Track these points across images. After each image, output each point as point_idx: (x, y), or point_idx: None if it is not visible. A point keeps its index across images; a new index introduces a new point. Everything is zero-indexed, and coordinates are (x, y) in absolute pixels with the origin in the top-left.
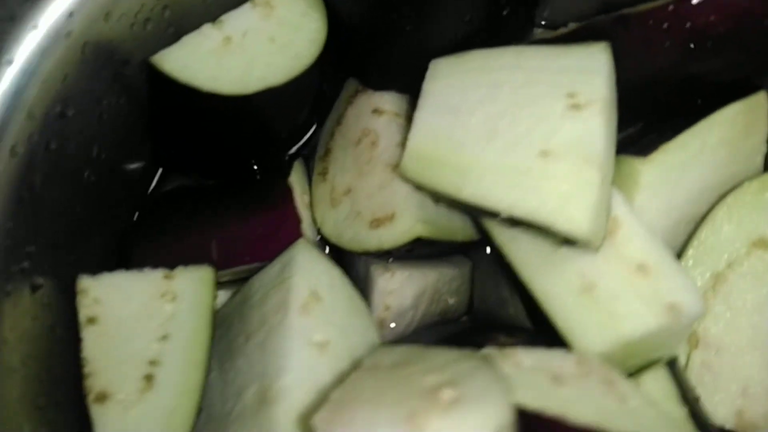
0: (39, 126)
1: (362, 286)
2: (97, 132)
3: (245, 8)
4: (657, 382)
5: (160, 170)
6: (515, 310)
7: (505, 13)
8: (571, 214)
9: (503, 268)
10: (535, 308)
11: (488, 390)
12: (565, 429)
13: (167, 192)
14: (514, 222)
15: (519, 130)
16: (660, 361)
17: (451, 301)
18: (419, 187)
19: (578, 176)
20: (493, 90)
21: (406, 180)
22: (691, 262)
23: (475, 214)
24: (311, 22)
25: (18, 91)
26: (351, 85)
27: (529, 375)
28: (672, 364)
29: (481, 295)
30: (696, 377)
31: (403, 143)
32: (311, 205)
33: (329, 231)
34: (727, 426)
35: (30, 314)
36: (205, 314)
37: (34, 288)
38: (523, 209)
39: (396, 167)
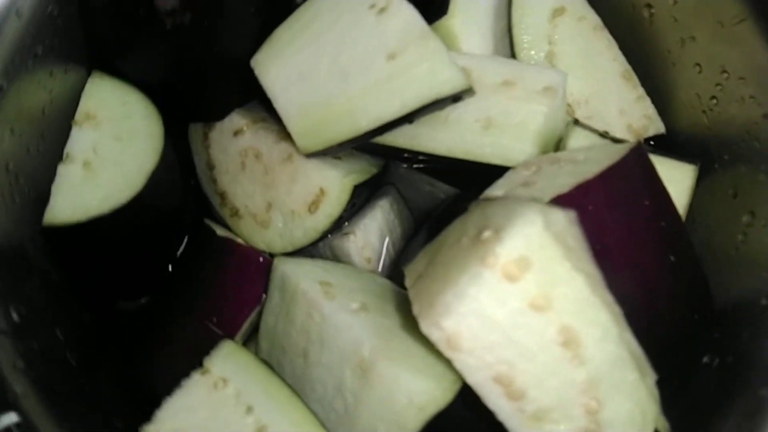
0: None
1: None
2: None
3: (75, 151)
4: (577, 140)
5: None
6: (446, 195)
7: None
8: (443, 75)
9: (422, 166)
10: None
11: (515, 209)
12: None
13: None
14: (412, 119)
15: (359, 55)
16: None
17: (403, 221)
18: (323, 153)
19: (426, 50)
20: (317, 41)
21: (310, 156)
22: (525, 59)
23: (376, 141)
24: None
25: None
26: (196, 131)
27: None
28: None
29: (416, 205)
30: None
31: (280, 139)
32: (247, 242)
33: (281, 246)
34: (631, 139)
35: None
36: (262, 371)
37: None
38: (413, 101)
39: (290, 158)
